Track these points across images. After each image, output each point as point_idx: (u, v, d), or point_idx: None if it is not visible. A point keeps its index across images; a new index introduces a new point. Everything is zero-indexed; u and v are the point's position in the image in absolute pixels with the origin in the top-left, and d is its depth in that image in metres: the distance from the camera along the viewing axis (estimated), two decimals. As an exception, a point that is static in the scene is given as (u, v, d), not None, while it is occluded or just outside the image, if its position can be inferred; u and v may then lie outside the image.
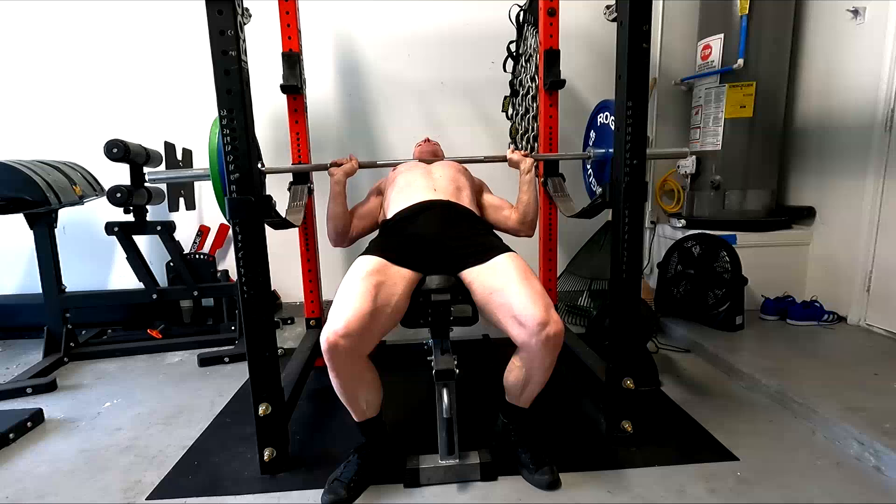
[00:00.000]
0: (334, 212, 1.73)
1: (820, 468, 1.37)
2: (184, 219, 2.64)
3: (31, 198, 2.06)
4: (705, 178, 2.68)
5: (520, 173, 1.76)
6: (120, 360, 2.34)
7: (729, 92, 2.50)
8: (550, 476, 1.31)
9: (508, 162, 1.81)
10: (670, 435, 1.55)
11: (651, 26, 1.32)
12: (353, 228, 1.78)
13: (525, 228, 1.77)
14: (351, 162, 1.77)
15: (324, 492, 1.28)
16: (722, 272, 2.37)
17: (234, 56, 1.22)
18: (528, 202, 1.73)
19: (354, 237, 1.80)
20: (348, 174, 1.76)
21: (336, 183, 1.73)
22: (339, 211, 1.73)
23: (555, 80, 2.05)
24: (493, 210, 1.79)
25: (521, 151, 1.82)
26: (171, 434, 1.65)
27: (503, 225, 1.78)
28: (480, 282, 1.32)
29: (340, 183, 1.73)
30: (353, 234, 1.79)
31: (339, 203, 1.73)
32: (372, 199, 1.83)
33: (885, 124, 2.15)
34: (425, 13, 2.74)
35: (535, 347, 1.22)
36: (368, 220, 1.80)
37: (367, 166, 1.83)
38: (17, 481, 1.41)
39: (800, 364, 1.93)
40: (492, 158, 1.86)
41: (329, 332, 1.17)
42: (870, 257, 2.26)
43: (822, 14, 2.47)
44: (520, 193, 1.75)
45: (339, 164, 1.76)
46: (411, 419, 1.66)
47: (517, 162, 1.77)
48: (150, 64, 2.72)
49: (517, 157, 1.78)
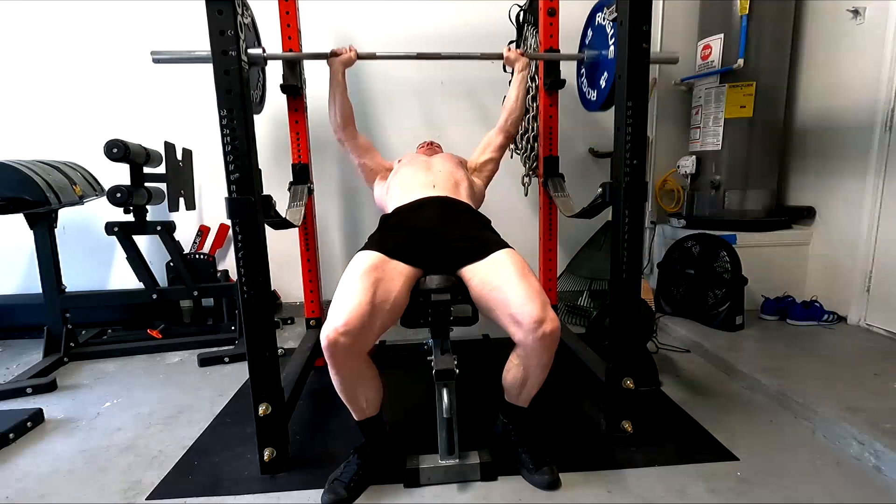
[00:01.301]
0: (334, 99, 1.81)
1: (820, 468, 1.37)
2: (184, 219, 2.64)
3: (31, 198, 2.06)
4: (705, 178, 2.68)
5: (515, 71, 1.87)
6: (120, 360, 2.34)
7: (729, 92, 2.50)
8: (550, 476, 1.31)
9: (505, 60, 1.88)
10: (670, 435, 1.55)
11: (651, 26, 1.32)
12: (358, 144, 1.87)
13: (509, 124, 1.89)
14: (349, 52, 1.81)
15: (324, 492, 1.28)
16: (722, 272, 2.37)
17: (234, 56, 1.22)
18: (517, 97, 1.86)
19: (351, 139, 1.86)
20: (346, 65, 1.82)
21: (335, 73, 1.80)
22: (338, 98, 1.81)
23: (555, 80, 2.05)
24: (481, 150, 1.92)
25: (518, 50, 1.89)
26: (171, 434, 1.65)
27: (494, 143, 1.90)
28: (479, 278, 1.33)
29: (339, 72, 1.80)
30: (353, 137, 1.86)
31: (339, 92, 1.81)
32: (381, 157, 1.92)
33: (885, 124, 2.15)
34: (425, 13, 2.74)
35: (531, 345, 1.22)
36: (368, 155, 1.88)
37: (366, 57, 1.86)
38: (17, 481, 1.41)
39: (800, 364, 1.93)
40: (488, 56, 1.89)
41: (329, 330, 1.17)
42: (870, 257, 2.26)
43: (822, 14, 2.47)
44: (510, 89, 1.88)
45: (338, 53, 1.80)
46: (411, 419, 1.66)
47: (514, 60, 1.86)
48: (150, 64, 2.71)
49: (514, 55, 1.86)
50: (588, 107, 1.99)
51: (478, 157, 1.91)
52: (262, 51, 1.80)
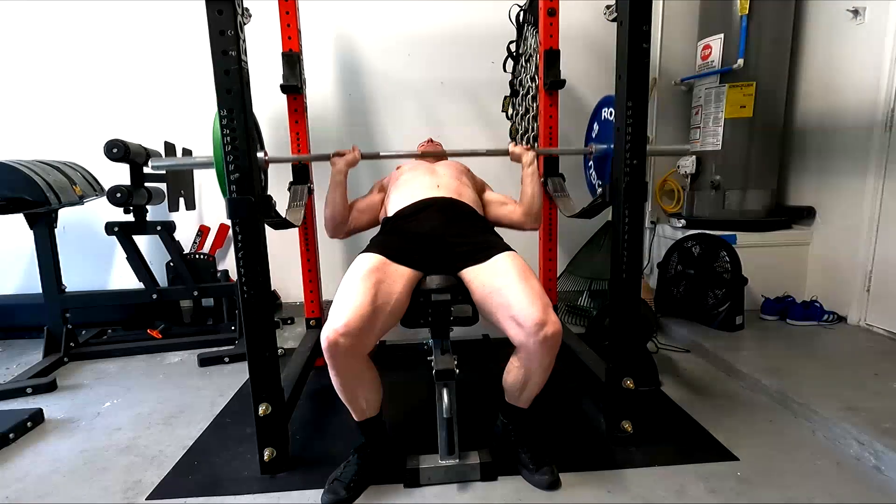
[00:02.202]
0: (333, 201, 1.74)
1: (820, 468, 1.37)
2: (184, 219, 2.64)
3: (31, 198, 2.06)
4: (705, 178, 2.68)
5: (522, 166, 1.77)
6: (120, 360, 2.34)
7: (729, 92, 2.50)
8: (550, 476, 1.31)
9: (511, 156, 1.81)
10: (670, 435, 1.55)
11: (651, 26, 1.32)
12: (352, 221, 1.79)
13: (530, 221, 1.78)
14: (353, 152, 1.77)
15: (324, 492, 1.28)
16: (722, 272, 2.37)
17: (234, 56, 1.22)
18: (533, 194, 1.75)
19: (352, 230, 1.81)
20: (350, 165, 1.77)
21: (338, 172, 1.74)
22: (338, 201, 1.74)
23: (555, 80, 2.05)
24: (496, 206, 1.80)
25: (524, 145, 1.83)
26: (171, 434, 1.65)
27: (507, 219, 1.79)
28: (480, 281, 1.33)
29: (342, 172, 1.74)
30: (351, 226, 1.79)
31: (339, 193, 1.74)
32: (374, 194, 1.84)
33: (885, 124, 2.15)
34: (425, 13, 2.74)
35: (533, 348, 1.22)
36: (368, 215, 1.81)
37: (370, 157, 1.83)
38: (17, 481, 1.41)
39: (800, 364, 1.93)
40: (494, 152, 1.87)
41: (329, 331, 1.17)
42: (870, 257, 2.26)
43: (822, 14, 2.47)
44: (524, 186, 1.76)
45: (341, 154, 1.77)
46: (411, 419, 1.66)
47: (519, 155, 1.78)
48: (150, 64, 2.72)
49: (519, 150, 1.79)
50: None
51: (491, 196, 1.83)
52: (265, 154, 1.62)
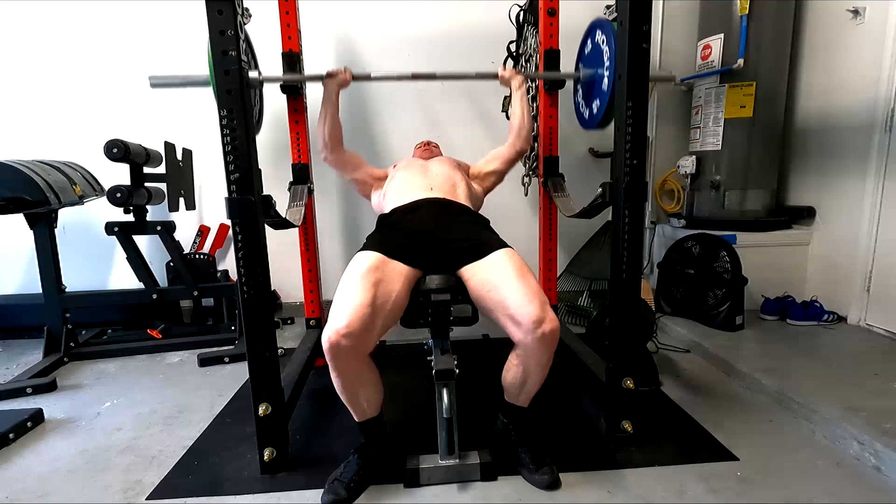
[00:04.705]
0: (324, 120, 1.78)
1: (820, 468, 1.37)
2: (184, 219, 2.64)
3: (31, 198, 2.06)
4: (705, 178, 2.68)
5: (512, 89, 1.87)
6: (120, 360, 2.34)
7: (729, 92, 2.50)
8: (550, 476, 1.31)
9: (500, 80, 1.88)
10: (670, 435, 1.55)
11: (651, 26, 1.32)
12: (348, 164, 1.84)
13: (521, 141, 1.88)
14: (345, 73, 1.80)
15: (324, 492, 1.28)
16: (722, 272, 2.37)
17: (234, 56, 1.22)
18: (523, 114, 1.86)
19: (340, 166, 1.84)
20: (342, 85, 1.81)
21: (329, 93, 1.79)
22: (331, 120, 1.79)
23: (554, 80, 2.05)
24: (488, 160, 1.90)
25: (512, 69, 1.91)
26: (171, 434, 1.65)
27: (504, 163, 1.89)
28: (477, 279, 1.33)
29: (333, 92, 1.79)
30: (342, 160, 1.83)
31: (332, 113, 1.79)
32: (375, 170, 1.88)
33: (885, 124, 2.15)
34: (425, 13, 2.74)
35: (531, 345, 1.23)
36: (359, 171, 1.86)
37: (361, 79, 1.88)
38: (17, 481, 1.41)
39: (800, 364, 1.93)
40: (483, 75, 1.90)
41: (331, 332, 1.17)
42: (870, 257, 2.26)
43: (822, 14, 2.47)
44: (513, 108, 1.88)
45: (333, 74, 1.80)
46: (411, 419, 1.66)
47: (508, 79, 1.86)
48: (150, 64, 2.72)
49: (508, 73, 1.86)
50: (584, 125, 1.97)
51: (483, 166, 1.89)
52: (259, 74, 1.74)
